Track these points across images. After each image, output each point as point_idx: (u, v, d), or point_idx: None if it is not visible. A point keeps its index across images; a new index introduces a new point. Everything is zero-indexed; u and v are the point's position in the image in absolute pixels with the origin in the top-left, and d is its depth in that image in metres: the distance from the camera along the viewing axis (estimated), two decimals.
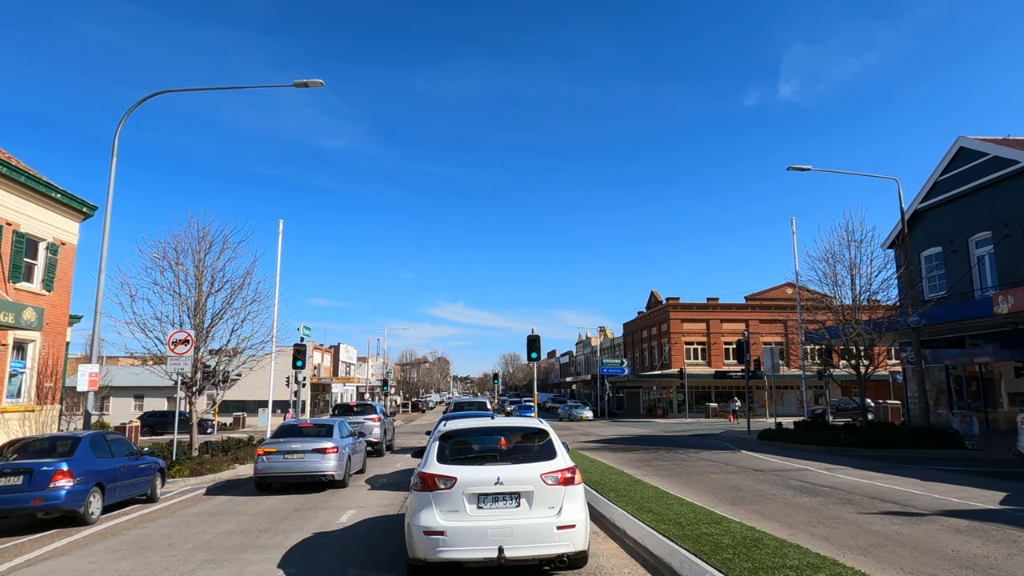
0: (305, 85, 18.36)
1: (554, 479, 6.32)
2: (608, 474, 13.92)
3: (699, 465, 17.58)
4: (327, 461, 13.82)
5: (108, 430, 14.94)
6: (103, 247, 16.73)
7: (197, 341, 20.33)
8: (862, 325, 20.88)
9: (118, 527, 10.31)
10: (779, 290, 64.21)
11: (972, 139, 24.81)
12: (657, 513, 9.05)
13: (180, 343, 16.97)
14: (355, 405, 26.69)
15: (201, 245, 20.85)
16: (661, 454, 21.08)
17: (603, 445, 25.97)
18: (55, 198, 20.55)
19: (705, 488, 13.09)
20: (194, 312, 20.24)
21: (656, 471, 16.22)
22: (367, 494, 13.51)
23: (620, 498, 10.50)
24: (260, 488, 14.12)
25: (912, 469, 15.66)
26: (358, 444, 17.15)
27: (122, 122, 17.85)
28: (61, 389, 21.43)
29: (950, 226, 25.45)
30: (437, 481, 6.26)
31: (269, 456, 13.85)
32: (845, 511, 10.17)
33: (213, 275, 20.82)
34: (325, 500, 12.76)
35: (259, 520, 10.59)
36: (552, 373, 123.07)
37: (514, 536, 6.00)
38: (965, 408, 24.48)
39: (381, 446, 23.05)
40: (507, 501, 6.22)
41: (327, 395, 71.26)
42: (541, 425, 7.21)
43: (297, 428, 15.03)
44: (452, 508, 6.14)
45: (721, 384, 59.37)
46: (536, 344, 24.68)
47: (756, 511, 10.34)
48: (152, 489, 13.04)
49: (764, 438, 25.46)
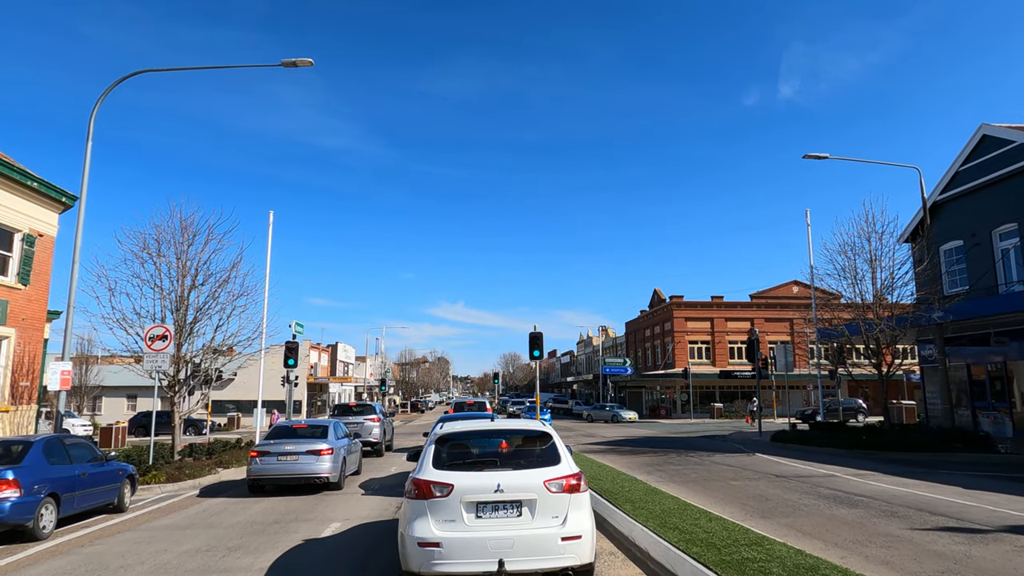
0: (294, 64, 17.23)
1: (558, 486, 5.87)
2: (620, 481, 12.73)
3: (715, 470, 16.40)
4: (322, 463, 13.46)
5: (68, 433, 13.77)
6: (77, 235, 15.55)
7: (180, 338, 19.24)
8: (884, 320, 19.67)
9: (71, 543, 9.12)
10: (785, 288, 63.06)
11: (996, 126, 23.62)
12: (684, 531, 7.86)
13: (158, 339, 15.79)
14: (354, 405, 26.27)
15: (184, 236, 19.68)
16: (672, 457, 19.90)
17: (608, 447, 24.80)
18: (31, 187, 19.38)
19: (728, 497, 11.90)
20: (177, 307, 19.13)
21: (670, 477, 15.03)
22: (359, 500, 12.34)
23: (638, 511, 9.31)
24: (253, 490, 13.74)
25: (948, 475, 14.48)
26: (353, 445, 16.67)
27: (98, 104, 16.65)
28: (39, 389, 20.25)
29: (972, 218, 24.25)
30: (433, 488, 5.81)
31: (262, 458, 13.50)
32: (894, 526, 8.98)
33: (197, 268, 19.68)
34: (311, 508, 11.59)
35: (232, 534, 9.40)
36: (552, 373, 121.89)
37: (516, 548, 5.55)
38: (989, 408, 23.32)
39: (381, 446, 22.78)
40: (508, 510, 5.78)
41: (324, 395, 70.08)
42: (544, 428, 6.72)
43: (291, 429, 14.67)
44: (449, 517, 5.70)
45: (726, 384, 58.19)
46: (539, 341, 23.49)
47: (792, 526, 9.16)
48: (120, 498, 11.85)
49: (778, 440, 24.26)
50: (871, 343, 20.65)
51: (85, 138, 16.04)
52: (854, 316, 20.57)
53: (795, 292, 63.02)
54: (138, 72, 17.51)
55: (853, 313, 20.84)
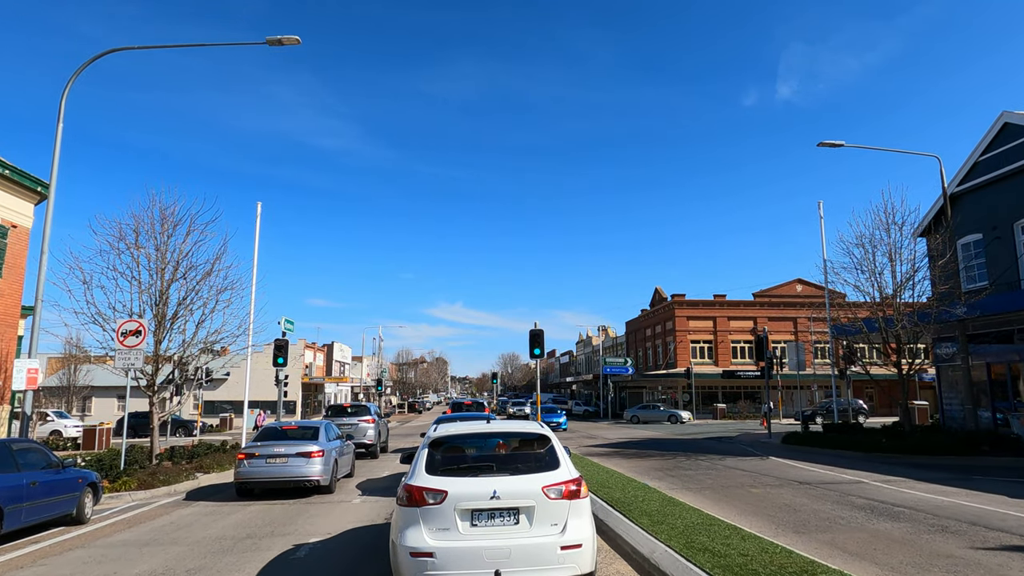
0: (279, 43, 16.14)
1: (557, 492, 5.59)
2: (632, 490, 11.60)
3: (731, 476, 15.28)
4: (312, 465, 13.02)
5: (18, 437, 12.63)
6: (46, 222, 14.38)
7: (160, 334, 18.14)
8: (906, 317, 18.55)
9: (7, 566, 7.97)
10: (789, 287, 62.02)
11: (1019, 114, 22.53)
12: (716, 553, 6.74)
13: (131, 334, 14.64)
14: (349, 406, 25.65)
15: (164, 226, 18.57)
16: (681, 461, 18.79)
17: (613, 450, 23.70)
18: (4, 175, 18.29)
19: (753, 508, 10.79)
20: (156, 301, 18.00)
21: (684, 484, 13.91)
22: (348, 507, 11.21)
23: (658, 526, 8.19)
24: (241, 494, 13.30)
25: (986, 482, 13.37)
26: (346, 447, 16.15)
27: (70, 83, 15.54)
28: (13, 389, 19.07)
29: (992, 210, 23.15)
30: (425, 495, 5.53)
31: (251, 460, 13.05)
32: (952, 545, 7.86)
33: (179, 259, 18.56)
34: (293, 518, 10.46)
35: (195, 553, 8.26)
36: (551, 373, 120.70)
37: (513, 557, 5.27)
38: (1012, 410, 22.22)
39: (375, 448, 22.38)
40: (505, 518, 5.49)
41: (320, 395, 68.89)
42: (542, 430, 6.44)
43: (281, 431, 14.25)
44: (442, 526, 5.42)
45: (729, 384, 57.08)
46: (539, 339, 22.40)
47: (833, 543, 8.04)
48: (79, 509, 10.71)
49: (790, 442, 23.14)
50: (890, 340, 19.54)
51: (55, 122, 14.92)
52: (871, 312, 19.45)
53: (799, 291, 61.95)
54: (114, 50, 16.37)
55: (870, 310, 19.70)
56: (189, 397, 20.32)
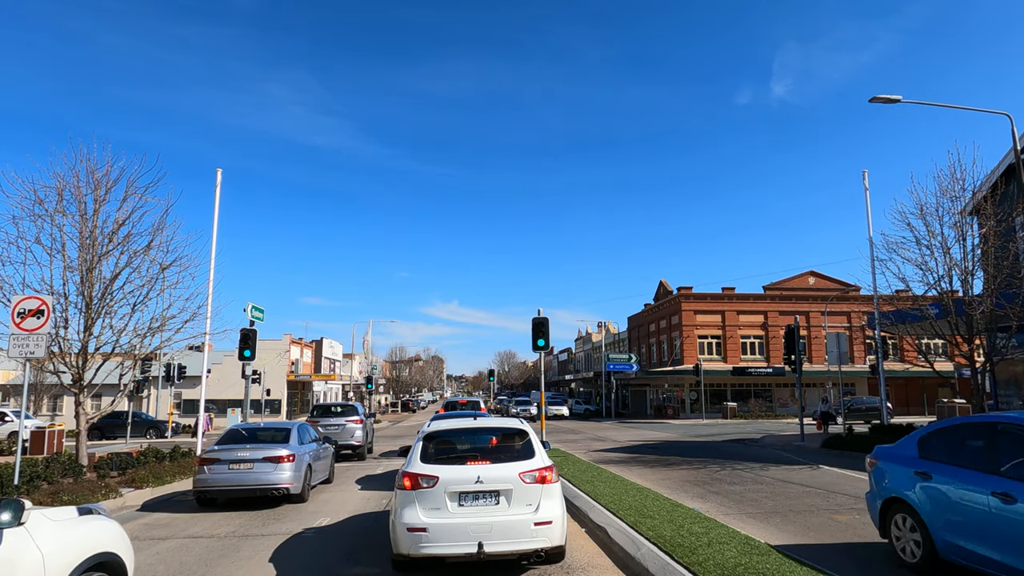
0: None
1: (532, 478, 6.39)
2: (679, 519, 8.52)
3: (789, 492, 12.23)
4: (280, 472, 11.67)
5: None
6: None
7: (90, 316, 15.16)
8: (987, 298, 15.54)
9: None
10: (801, 279, 59.12)
11: None
12: None
13: (30, 314, 11.49)
14: (336, 406, 23.57)
15: (97, 189, 15.48)
16: (715, 471, 15.73)
17: (628, 455, 20.68)
18: None
19: (859, 549, 7.74)
20: (83, 279, 14.95)
21: (738, 506, 10.86)
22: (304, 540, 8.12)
23: None
24: (202, 504, 11.92)
25: None
26: (322, 450, 14.53)
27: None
28: None
29: None
30: (420, 480, 6.30)
31: (211, 466, 11.63)
32: None
33: (115, 230, 15.50)
34: (238, 546, 7.36)
35: None
36: (549, 371, 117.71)
37: (493, 532, 6.07)
38: None
39: (363, 450, 21.16)
40: (487, 499, 6.29)
41: (308, 394, 65.74)
42: (521, 425, 7.30)
43: (247, 433, 12.91)
44: (435, 506, 6.21)
45: (739, 381, 54.17)
46: (544, 328, 19.43)
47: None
48: None
49: (833, 447, 20.07)
50: (960, 328, 16.53)
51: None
52: (941, 295, 16.42)
53: (811, 283, 59.07)
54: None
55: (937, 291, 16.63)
56: (118, 399, 17.22)
